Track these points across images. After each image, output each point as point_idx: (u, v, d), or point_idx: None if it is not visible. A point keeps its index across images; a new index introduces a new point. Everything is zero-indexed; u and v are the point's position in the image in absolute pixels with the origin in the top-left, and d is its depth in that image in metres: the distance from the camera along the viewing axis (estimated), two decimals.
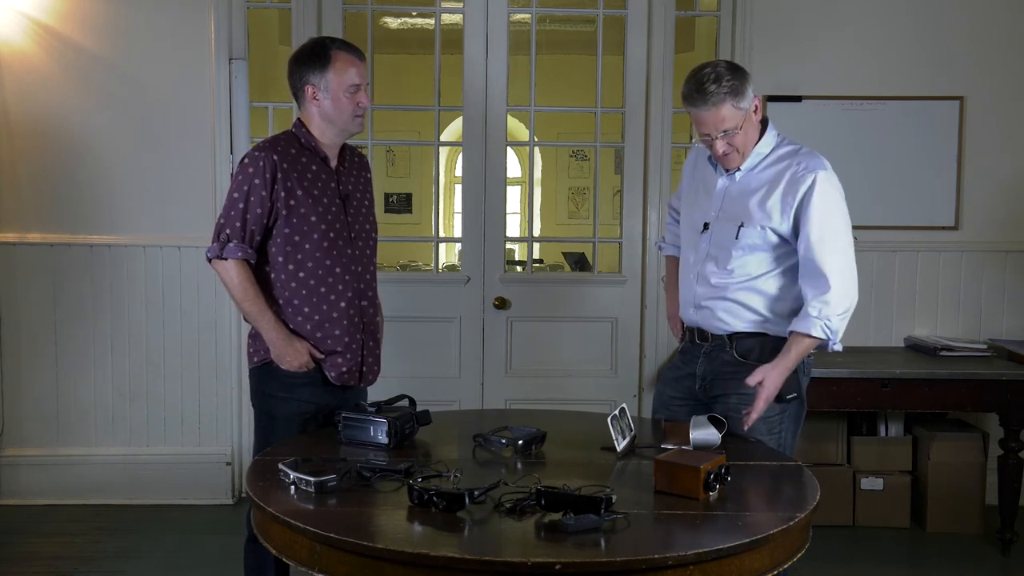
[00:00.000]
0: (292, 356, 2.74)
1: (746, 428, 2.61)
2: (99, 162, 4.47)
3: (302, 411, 2.77)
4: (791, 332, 2.66)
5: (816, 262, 2.63)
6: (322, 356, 2.78)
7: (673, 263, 3.12)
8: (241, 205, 2.70)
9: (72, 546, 4.06)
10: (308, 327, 2.78)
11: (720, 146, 2.67)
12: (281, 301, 2.78)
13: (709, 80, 2.60)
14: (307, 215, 2.73)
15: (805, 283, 2.66)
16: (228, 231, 2.71)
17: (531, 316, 4.65)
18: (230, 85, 4.47)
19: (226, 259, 2.70)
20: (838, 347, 2.69)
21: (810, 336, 2.62)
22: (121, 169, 4.49)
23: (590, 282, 4.77)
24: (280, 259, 2.76)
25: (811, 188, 2.63)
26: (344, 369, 2.83)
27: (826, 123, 4.51)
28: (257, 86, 4.78)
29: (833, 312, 2.61)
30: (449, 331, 4.65)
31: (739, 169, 2.74)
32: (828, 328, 2.61)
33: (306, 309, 2.77)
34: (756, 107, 2.69)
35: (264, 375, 2.81)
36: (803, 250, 2.65)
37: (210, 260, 2.74)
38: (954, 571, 3.96)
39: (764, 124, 2.76)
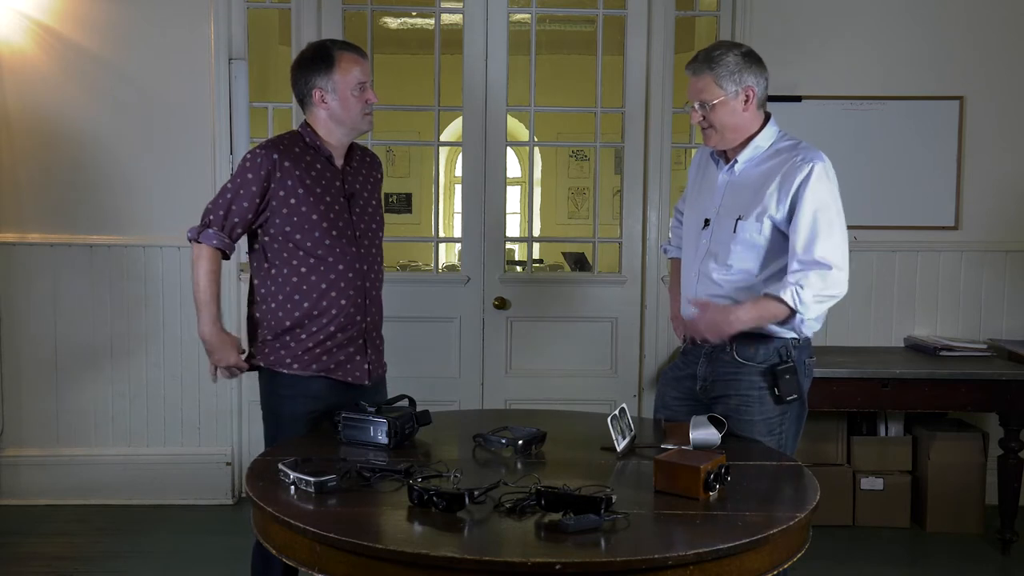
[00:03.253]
0: (222, 354, 2.78)
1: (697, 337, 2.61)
2: (99, 162, 4.47)
3: (309, 409, 2.77)
4: (764, 293, 2.65)
5: (806, 249, 2.61)
6: (246, 368, 2.82)
7: (677, 265, 3.12)
8: (229, 196, 2.75)
9: (72, 546, 4.07)
10: (307, 322, 2.77)
11: (694, 116, 2.74)
12: (281, 296, 2.78)
13: (716, 50, 2.71)
14: (308, 213, 2.74)
15: (792, 262, 2.64)
16: (211, 217, 2.77)
17: (531, 316, 4.65)
18: (230, 85, 4.47)
19: (201, 243, 2.75)
20: (806, 330, 2.67)
21: (778, 299, 2.58)
22: (121, 169, 4.49)
23: (590, 282, 4.77)
24: (284, 255, 2.76)
25: (807, 177, 2.63)
26: (348, 366, 2.83)
27: (826, 123, 4.51)
28: (257, 86, 4.78)
29: (810, 285, 2.57)
30: (449, 331, 4.65)
31: (737, 161, 2.76)
32: (798, 296, 2.57)
33: (305, 304, 2.77)
34: (747, 97, 2.69)
35: (270, 375, 2.81)
36: (794, 237, 2.64)
37: (189, 240, 2.80)
38: (954, 571, 3.96)
39: (767, 119, 2.77)
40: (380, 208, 3.00)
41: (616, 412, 2.48)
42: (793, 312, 2.60)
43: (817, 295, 2.59)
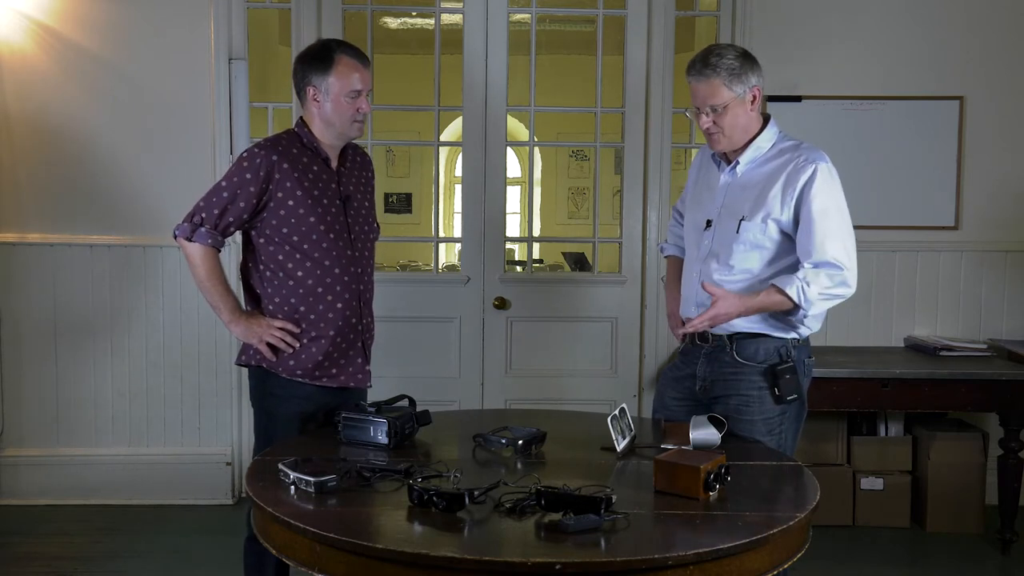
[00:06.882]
0: (258, 332, 2.73)
1: (689, 328, 2.63)
2: (99, 162, 4.47)
3: (301, 410, 2.77)
4: (770, 284, 2.65)
5: (815, 250, 2.62)
6: (293, 328, 2.76)
7: (674, 264, 3.12)
8: (225, 195, 2.71)
9: (72, 546, 4.07)
10: (304, 326, 2.77)
11: (704, 121, 2.71)
12: (278, 299, 2.77)
13: (713, 54, 2.68)
14: (306, 215, 2.73)
15: (804, 262, 2.64)
16: (203, 215, 2.72)
17: (531, 316, 4.65)
18: (230, 85, 4.47)
19: (195, 242, 2.72)
20: (804, 329, 2.69)
21: (783, 293, 2.59)
22: (121, 169, 4.49)
23: (590, 282, 4.77)
24: (279, 258, 2.76)
25: (811, 178, 2.64)
26: (350, 369, 2.83)
27: (826, 123, 4.51)
28: (257, 86, 4.78)
29: (816, 282, 2.59)
30: (449, 331, 4.65)
31: (739, 162, 2.76)
32: (803, 293, 2.58)
33: (302, 308, 2.76)
34: (754, 97, 2.70)
35: (263, 374, 2.81)
36: (803, 240, 2.65)
37: (176, 237, 2.76)
38: (954, 571, 3.96)
39: (766, 120, 2.77)
40: (373, 210, 2.98)
41: (616, 412, 2.48)
42: (796, 307, 2.60)
43: (823, 292, 2.60)
